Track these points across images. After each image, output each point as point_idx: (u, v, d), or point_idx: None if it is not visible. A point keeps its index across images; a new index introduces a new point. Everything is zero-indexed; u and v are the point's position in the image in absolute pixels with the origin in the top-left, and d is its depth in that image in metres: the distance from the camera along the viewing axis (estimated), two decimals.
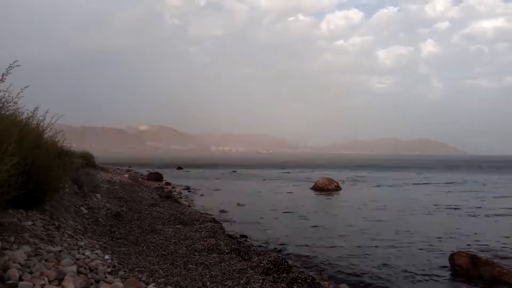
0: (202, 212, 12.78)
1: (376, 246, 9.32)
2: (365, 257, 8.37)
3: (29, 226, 4.76)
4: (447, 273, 7.34)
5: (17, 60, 4.47)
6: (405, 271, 7.46)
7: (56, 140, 7.25)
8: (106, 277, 4.08)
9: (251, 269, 5.69)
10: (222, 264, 5.90)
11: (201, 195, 19.78)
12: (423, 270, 7.53)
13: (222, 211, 14.22)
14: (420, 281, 6.93)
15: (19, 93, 4.85)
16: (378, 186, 27.23)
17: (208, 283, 4.84)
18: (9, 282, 3.14)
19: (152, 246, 6.52)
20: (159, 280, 4.66)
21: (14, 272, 3.26)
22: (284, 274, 5.63)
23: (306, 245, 9.31)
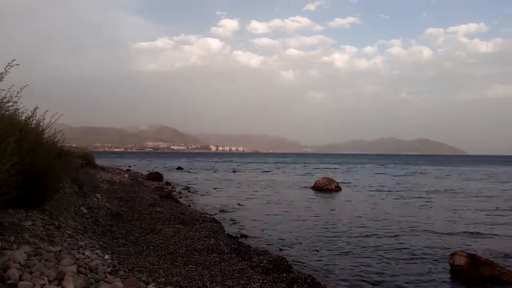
0: (202, 212, 12.78)
1: (376, 246, 9.32)
2: (365, 257, 8.37)
3: (29, 226, 4.76)
4: (447, 273, 7.33)
5: (15, 59, 4.46)
6: (406, 271, 7.47)
7: (56, 140, 7.25)
8: (106, 277, 4.08)
9: (251, 269, 5.68)
10: (222, 264, 5.89)
11: (201, 195, 19.77)
12: (423, 270, 7.53)
13: (222, 211, 14.21)
14: (420, 281, 6.93)
15: (18, 92, 4.84)
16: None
17: (208, 283, 4.84)
18: (9, 282, 3.14)
19: (152, 246, 6.52)
20: (159, 280, 4.66)
21: (14, 272, 3.26)
22: (284, 274, 5.63)
23: (306, 245, 9.31)
